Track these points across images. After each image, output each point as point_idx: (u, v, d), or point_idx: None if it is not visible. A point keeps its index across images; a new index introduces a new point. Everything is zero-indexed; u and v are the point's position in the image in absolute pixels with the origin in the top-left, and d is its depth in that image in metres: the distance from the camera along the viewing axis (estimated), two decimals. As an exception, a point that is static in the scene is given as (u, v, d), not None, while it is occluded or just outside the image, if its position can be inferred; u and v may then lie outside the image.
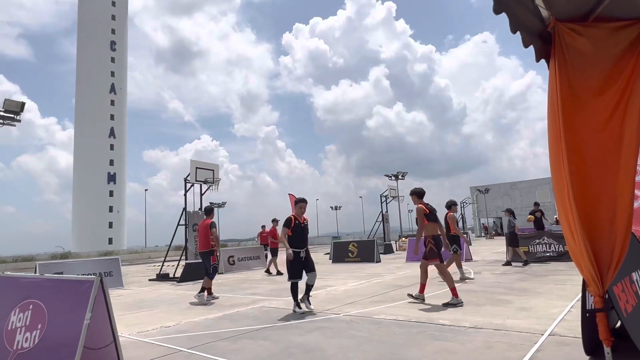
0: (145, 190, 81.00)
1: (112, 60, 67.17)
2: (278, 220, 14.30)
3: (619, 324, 3.65)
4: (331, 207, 70.33)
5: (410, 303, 6.41)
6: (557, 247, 11.75)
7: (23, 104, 15.05)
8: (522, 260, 11.28)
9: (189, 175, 13.33)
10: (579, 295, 4.10)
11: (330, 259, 17.44)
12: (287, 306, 6.67)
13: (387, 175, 32.43)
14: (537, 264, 11.24)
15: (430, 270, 6.98)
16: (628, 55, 2.75)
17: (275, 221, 14.01)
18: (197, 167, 13.54)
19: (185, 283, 11.62)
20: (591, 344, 3.31)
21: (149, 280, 13.36)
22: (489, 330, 4.49)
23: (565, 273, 8.97)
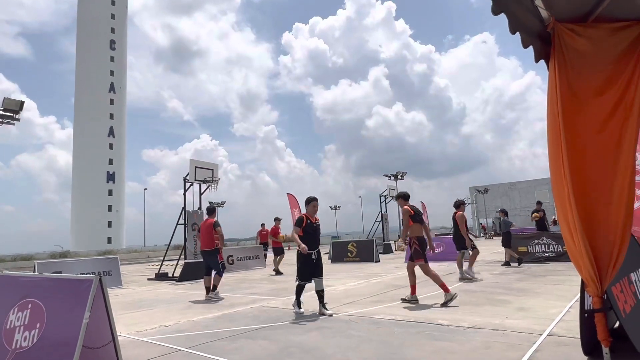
0: (145, 189, 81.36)
1: (112, 59, 67.10)
2: (281, 218, 14.24)
3: (617, 324, 3.66)
4: (330, 207, 70.23)
5: (409, 303, 6.41)
6: (556, 248, 11.77)
7: (22, 103, 15.04)
8: (515, 259, 11.31)
9: (188, 174, 13.32)
10: (578, 296, 4.11)
11: (329, 259, 17.45)
12: (286, 306, 6.67)
13: (386, 175, 32.52)
14: (535, 264, 11.25)
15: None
16: (628, 56, 2.75)
17: (278, 219, 13.86)
18: (196, 167, 13.53)
19: (184, 282, 11.61)
20: (589, 344, 3.31)
21: (148, 279, 13.35)
22: (488, 330, 4.50)
23: (563, 273, 8.98)
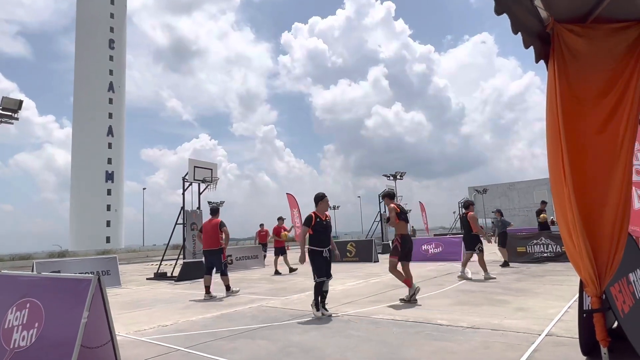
0: (143, 189, 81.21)
1: (111, 58, 67.10)
2: (284, 218, 14.19)
3: (615, 324, 3.67)
4: (329, 207, 70.12)
5: (408, 303, 6.41)
6: (555, 248, 11.79)
7: (21, 102, 15.01)
8: (503, 261, 11.35)
9: (187, 174, 13.31)
10: (576, 296, 4.11)
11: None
12: (285, 305, 6.67)
13: (385, 175, 32.45)
14: (534, 265, 11.27)
15: (429, 270, 6.99)
16: (627, 56, 2.75)
17: (281, 219, 13.82)
18: (195, 166, 13.51)
19: (182, 282, 11.60)
20: (588, 344, 3.32)
21: (147, 279, 13.33)
22: (487, 330, 4.50)
23: (562, 273, 8.99)
